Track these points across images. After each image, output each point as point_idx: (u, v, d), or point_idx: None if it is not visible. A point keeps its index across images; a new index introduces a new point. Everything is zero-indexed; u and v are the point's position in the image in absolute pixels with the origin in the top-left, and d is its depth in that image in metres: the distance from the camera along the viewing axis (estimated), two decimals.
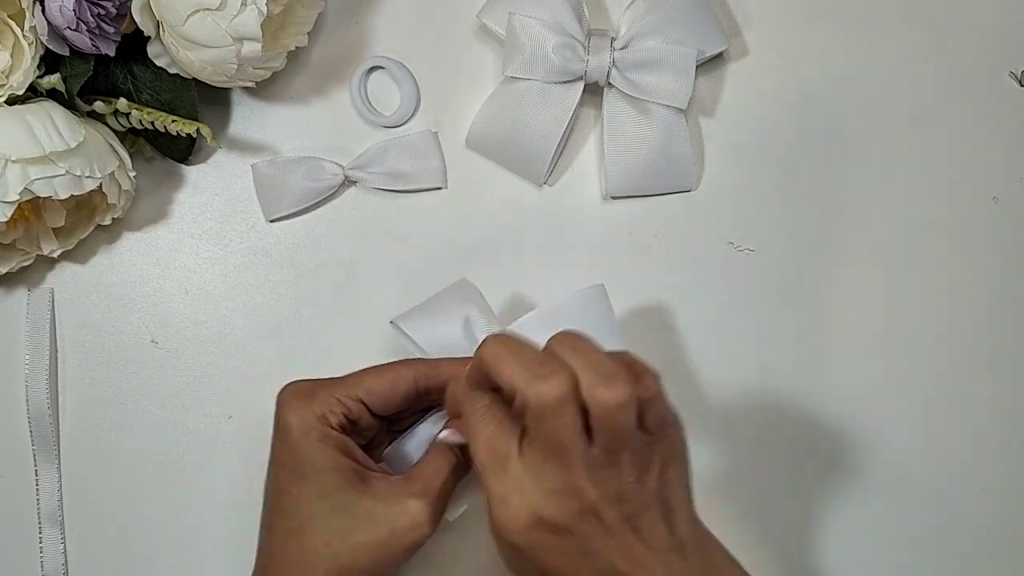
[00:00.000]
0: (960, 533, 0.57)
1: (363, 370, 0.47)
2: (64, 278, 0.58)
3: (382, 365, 0.47)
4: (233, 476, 0.56)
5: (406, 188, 0.57)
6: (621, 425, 0.40)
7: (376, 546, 0.44)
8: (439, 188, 0.58)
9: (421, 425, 0.49)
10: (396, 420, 0.50)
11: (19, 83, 0.50)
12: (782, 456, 0.57)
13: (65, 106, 0.51)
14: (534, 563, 0.42)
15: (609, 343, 0.44)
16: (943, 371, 0.57)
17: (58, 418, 0.57)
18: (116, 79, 0.54)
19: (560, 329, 0.43)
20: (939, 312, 0.57)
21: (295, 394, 0.46)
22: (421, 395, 0.47)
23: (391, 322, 0.51)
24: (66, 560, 0.56)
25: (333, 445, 0.45)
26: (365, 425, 0.47)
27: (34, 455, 0.56)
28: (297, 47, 0.55)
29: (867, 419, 0.57)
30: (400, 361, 0.48)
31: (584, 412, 0.40)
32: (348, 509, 0.44)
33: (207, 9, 0.48)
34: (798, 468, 0.57)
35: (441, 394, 0.47)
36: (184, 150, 0.56)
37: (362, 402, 0.46)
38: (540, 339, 0.43)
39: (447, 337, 0.49)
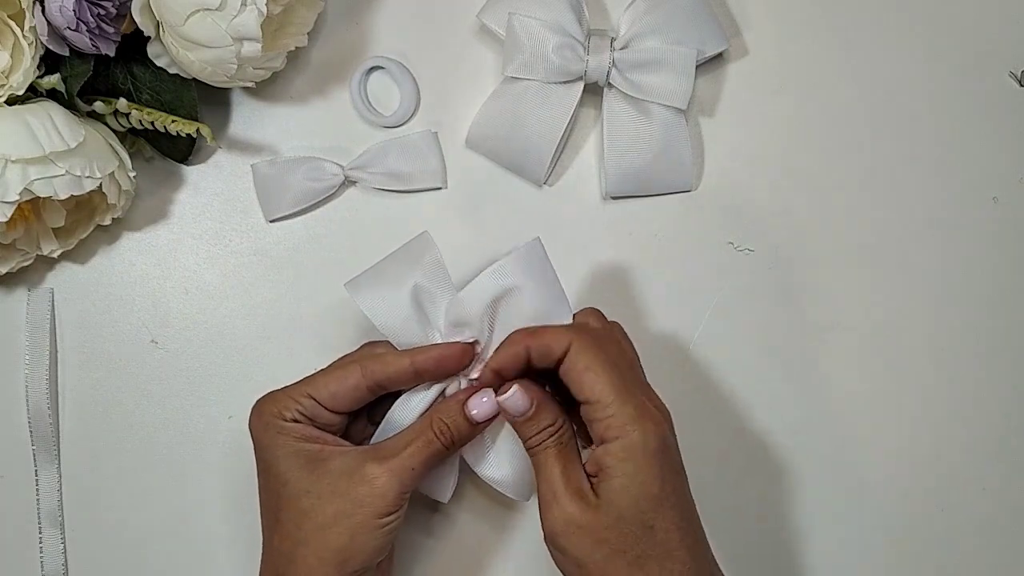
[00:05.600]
0: (960, 533, 0.57)
1: (319, 371, 0.49)
2: (64, 278, 0.58)
3: (334, 364, 0.49)
4: (233, 476, 0.56)
5: (406, 188, 0.57)
6: None
7: (342, 519, 0.45)
8: (439, 188, 0.58)
9: (392, 411, 0.49)
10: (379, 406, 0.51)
11: (19, 83, 0.50)
12: (780, 456, 0.57)
13: (65, 106, 0.51)
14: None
15: (551, 294, 0.48)
16: (942, 370, 0.57)
17: (58, 418, 0.57)
18: (116, 79, 0.54)
19: (510, 285, 0.47)
20: (939, 312, 0.57)
21: (258, 403, 0.49)
22: (373, 389, 0.48)
23: (345, 284, 0.50)
24: (66, 560, 0.56)
25: (290, 434, 0.47)
26: (325, 420, 0.48)
27: (34, 455, 0.56)
28: (297, 47, 0.55)
29: (866, 418, 0.57)
30: (348, 359, 0.49)
31: None
32: (311, 489, 0.46)
33: (207, 9, 0.48)
34: (796, 467, 0.57)
35: (391, 387, 0.48)
36: (184, 150, 0.56)
37: (314, 399, 0.48)
38: (491, 296, 0.47)
39: (396, 309, 0.48)
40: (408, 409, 0.49)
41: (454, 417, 0.47)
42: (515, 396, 0.46)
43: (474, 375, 0.49)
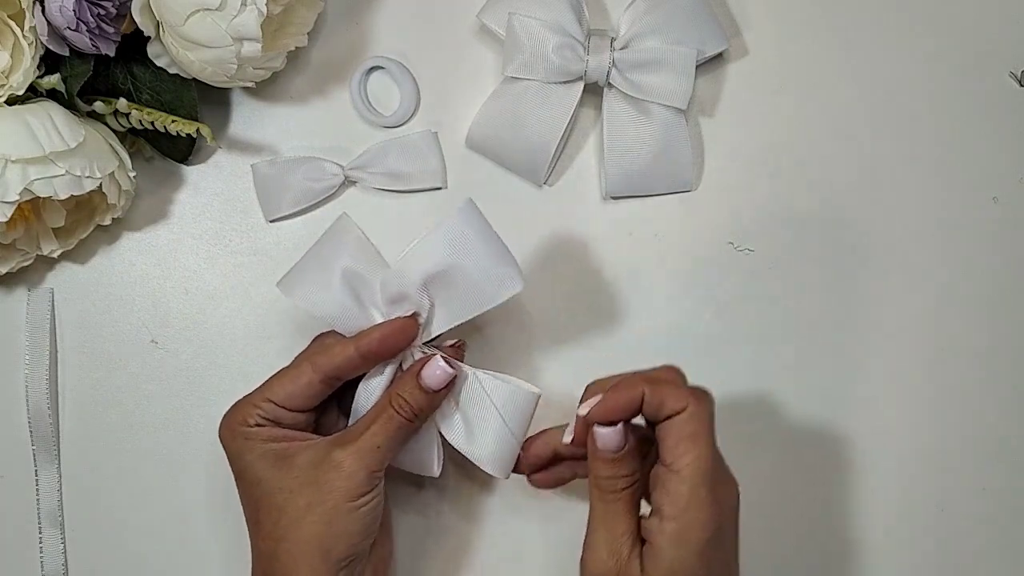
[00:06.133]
0: (960, 533, 0.57)
1: (274, 375, 0.49)
2: (64, 278, 0.58)
3: (288, 366, 0.49)
4: (233, 476, 0.56)
5: (406, 188, 0.57)
6: None
7: (315, 507, 0.46)
8: (439, 188, 0.58)
9: (356, 399, 0.50)
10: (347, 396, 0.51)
11: (19, 83, 0.50)
12: (780, 456, 0.57)
13: (65, 106, 0.51)
14: None
15: (492, 256, 0.47)
16: (942, 370, 0.57)
17: (58, 418, 0.57)
18: (116, 79, 0.54)
19: (446, 261, 0.46)
20: (938, 312, 0.57)
21: (224, 417, 0.49)
22: (327, 383, 0.48)
23: (277, 285, 0.50)
24: (66, 560, 0.56)
25: (256, 438, 0.48)
26: (289, 420, 0.48)
27: (34, 455, 0.56)
28: (297, 47, 0.55)
29: (866, 418, 0.57)
30: (301, 357, 0.50)
31: None
32: (282, 486, 0.46)
33: (207, 9, 0.48)
34: (796, 468, 0.57)
35: (344, 376, 0.49)
36: (184, 150, 0.56)
37: (272, 402, 0.48)
38: (426, 272, 0.47)
39: (331, 297, 0.49)
40: (368, 393, 0.49)
41: (411, 390, 0.48)
42: (617, 432, 0.45)
43: (421, 344, 0.49)
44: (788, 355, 0.57)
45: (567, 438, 0.48)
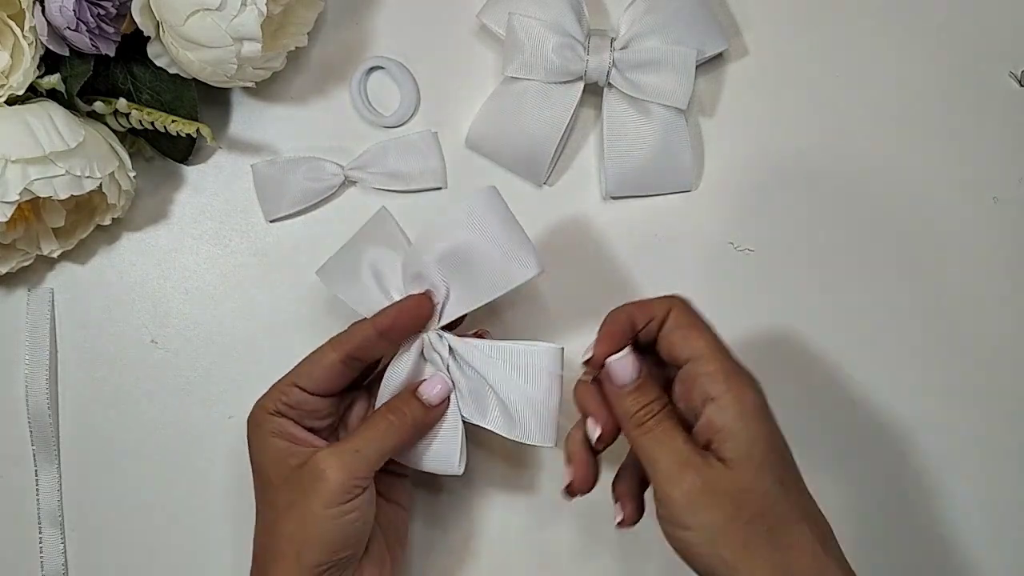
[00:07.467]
0: (960, 533, 0.57)
1: (302, 360, 0.49)
2: (64, 278, 0.58)
3: (315, 350, 0.49)
4: (233, 475, 0.56)
5: (406, 188, 0.57)
6: None
7: (293, 507, 0.46)
8: (439, 188, 0.58)
9: (379, 394, 0.50)
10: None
11: (19, 83, 0.50)
12: None
13: (65, 106, 0.51)
14: None
15: (510, 240, 0.48)
16: (942, 371, 0.57)
17: (58, 418, 0.57)
18: (116, 79, 0.54)
19: (470, 230, 0.48)
20: (939, 311, 0.57)
21: (256, 402, 0.49)
22: (348, 363, 0.48)
23: (316, 273, 0.52)
24: (66, 560, 0.56)
25: (268, 430, 0.48)
26: (313, 407, 0.48)
27: (34, 455, 0.56)
28: (297, 47, 0.55)
29: (866, 417, 0.57)
30: (326, 342, 0.50)
31: None
32: (275, 482, 0.47)
33: (207, 9, 0.48)
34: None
35: (364, 356, 0.49)
36: (184, 150, 0.56)
37: (297, 386, 0.48)
38: (443, 247, 0.48)
39: (359, 282, 0.51)
40: (389, 385, 0.50)
41: (407, 402, 0.48)
42: (625, 359, 0.45)
43: (438, 327, 0.49)
44: (788, 355, 0.57)
45: (585, 356, 0.47)
